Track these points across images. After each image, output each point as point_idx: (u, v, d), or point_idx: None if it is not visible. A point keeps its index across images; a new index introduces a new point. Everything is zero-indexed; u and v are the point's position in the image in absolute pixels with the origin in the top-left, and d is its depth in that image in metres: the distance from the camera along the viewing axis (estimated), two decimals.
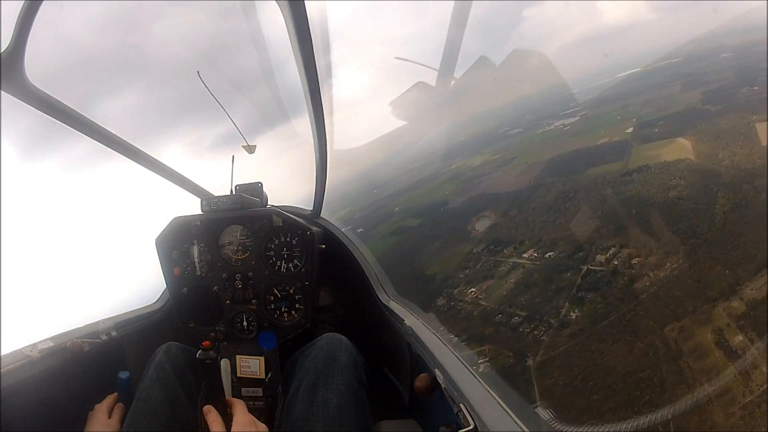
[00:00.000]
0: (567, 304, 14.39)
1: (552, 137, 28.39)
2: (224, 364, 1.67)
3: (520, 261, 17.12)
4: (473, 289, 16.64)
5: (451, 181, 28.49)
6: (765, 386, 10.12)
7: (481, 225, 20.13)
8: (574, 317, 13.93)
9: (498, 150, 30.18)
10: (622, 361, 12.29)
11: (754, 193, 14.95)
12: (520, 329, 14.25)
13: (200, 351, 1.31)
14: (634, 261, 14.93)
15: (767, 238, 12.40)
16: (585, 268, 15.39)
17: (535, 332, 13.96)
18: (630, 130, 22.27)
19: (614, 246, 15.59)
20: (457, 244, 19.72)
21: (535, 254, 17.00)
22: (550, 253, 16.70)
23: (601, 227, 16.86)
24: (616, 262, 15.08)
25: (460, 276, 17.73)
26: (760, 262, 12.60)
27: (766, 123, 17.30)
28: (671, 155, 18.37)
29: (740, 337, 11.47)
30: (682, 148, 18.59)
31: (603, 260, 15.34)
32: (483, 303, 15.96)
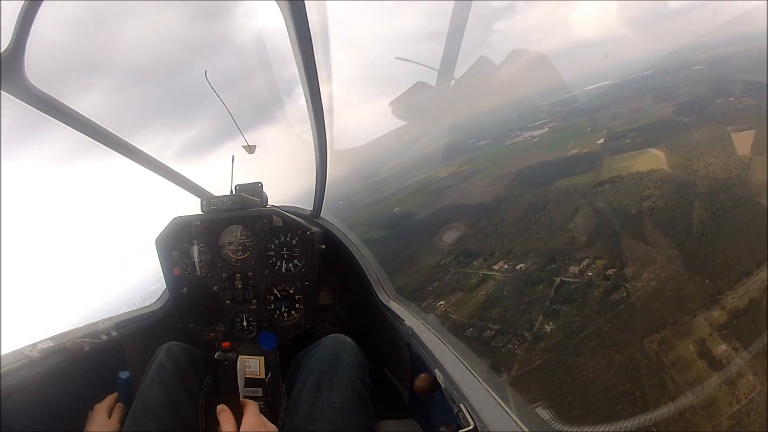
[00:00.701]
0: (541, 317, 14.10)
1: (521, 149, 28.14)
2: (240, 363, 1.67)
3: (490, 273, 16.87)
4: (442, 302, 16.31)
5: (417, 192, 28.16)
6: (752, 395, 10.02)
7: (450, 236, 19.88)
8: (549, 330, 13.66)
9: (466, 161, 29.66)
10: (601, 375, 12.05)
11: (732, 203, 14.83)
12: (493, 343, 13.98)
13: (219, 352, 1.32)
14: (609, 272, 14.63)
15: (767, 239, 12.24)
16: (558, 279, 15.08)
17: (509, 346, 13.71)
18: (600, 141, 22.08)
19: (588, 257, 15.31)
20: (425, 256, 19.49)
21: (506, 266, 16.73)
22: (521, 265, 16.39)
23: (574, 238, 16.59)
24: (590, 274, 14.79)
25: (429, 289, 17.42)
26: (740, 271, 12.47)
27: (746, 132, 17.27)
28: (644, 166, 18.27)
29: (723, 347, 11.28)
30: (655, 159, 18.49)
31: (576, 272, 15.00)
32: (453, 316, 15.61)
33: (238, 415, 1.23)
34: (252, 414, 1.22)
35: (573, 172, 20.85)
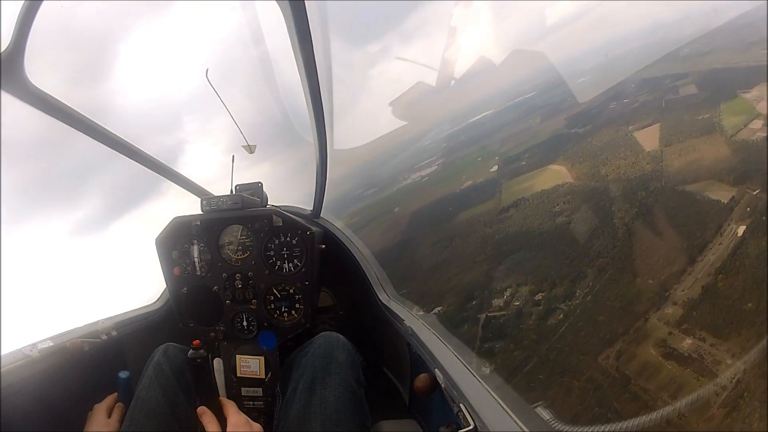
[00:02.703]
0: (475, 359, 13.14)
1: (412, 190, 27.43)
2: (217, 363, 1.67)
3: None
4: None
5: None
6: (736, 377, 9.49)
7: None
8: (488, 372, 12.69)
9: (355, 213, 28.24)
10: (563, 406, 11.32)
11: (653, 197, 14.40)
12: None
13: (191, 350, 1.31)
14: (538, 297, 13.82)
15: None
16: (483, 316, 14.06)
17: None
18: (494, 168, 21.57)
19: (510, 286, 14.58)
20: None
21: (422, 311, 15.89)
22: (438, 309, 15.33)
23: (490, 270, 15.92)
24: (517, 303, 13.99)
25: None
26: (683, 262, 11.86)
27: (650, 128, 16.86)
28: (547, 183, 17.78)
29: (689, 341, 10.66)
30: (557, 175, 18.03)
31: (501, 304, 14.14)
32: None
33: (219, 415, 1.23)
34: (235, 414, 1.22)
35: (473, 203, 20.28)
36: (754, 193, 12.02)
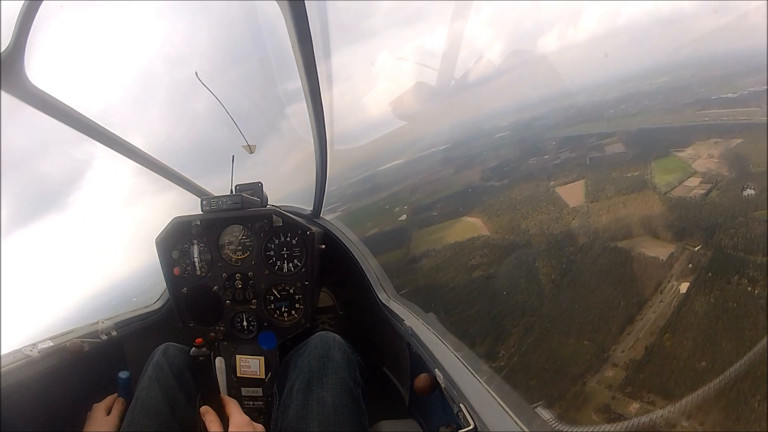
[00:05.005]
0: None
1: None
2: (219, 362, 1.67)
3: None
4: None
5: None
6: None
7: None
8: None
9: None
10: None
11: (582, 253, 13.36)
12: None
13: (193, 348, 1.32)
14: None
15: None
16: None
17: None
18: (403, 217, 20.32)
19: None
20: None
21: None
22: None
23: None
24: None
25: None
26: (621, 320, 10.86)
27: (573, 184, 16.22)
28: (461, 235, 16.65)
29: (636, 405, 9.56)
30: (471, 227, 16.91)
31: None
32: None
33: (221, 412, 1.23)
34: (238, 414, 1.22)
35: (378, 251, 18.76)
36: (696, 249, 11.38)
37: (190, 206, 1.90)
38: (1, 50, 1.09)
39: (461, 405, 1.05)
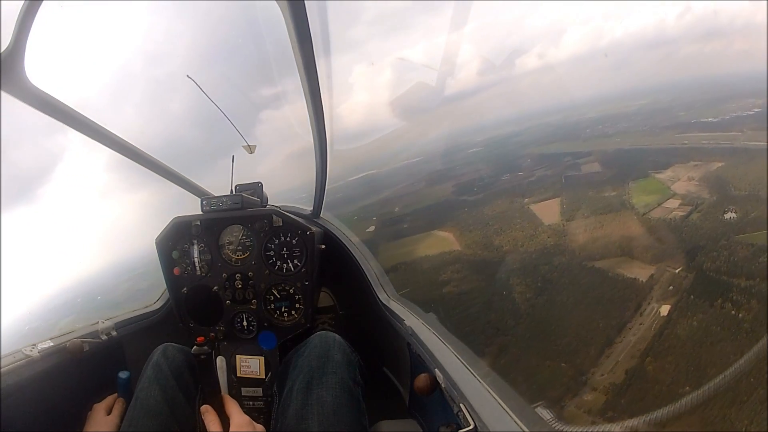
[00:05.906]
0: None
1: None
2: (220, 361, 1.67)
3: None
4: None
5: None
6: None
7: None
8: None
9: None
10: None
11: (559, 272, 12.94)
12: None
13: (195, 346, 1.32)
14: None
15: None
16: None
17: None
18: (371, 229, 19.65)
19: None
20: None
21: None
22: None
23: None
24: None
25: None
26: (600, 342, 10.42)
27: (549, 201, 15.88)
28: (432, 249, 16.16)
29: (618, 429, 9.19)
30: (443, 241, 16.41)
31: None
32: None
33: (221, 412, 1.23)
34: (238, 414, 1.22)
35: None
36: (677, 271, 11.07)
37: (168, 205, 1.87)
38: (1, 50, 1.09)
39: (461, 405, 1.05)
